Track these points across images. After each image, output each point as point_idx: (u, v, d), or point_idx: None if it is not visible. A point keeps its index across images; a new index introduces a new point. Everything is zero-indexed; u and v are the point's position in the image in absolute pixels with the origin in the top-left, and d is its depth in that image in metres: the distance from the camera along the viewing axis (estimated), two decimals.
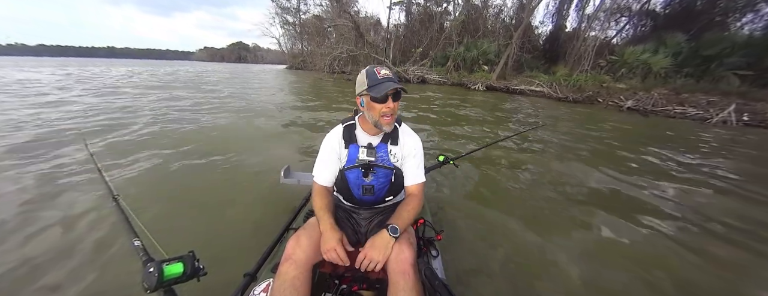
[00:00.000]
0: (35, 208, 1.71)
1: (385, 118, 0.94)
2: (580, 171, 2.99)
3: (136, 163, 2.43)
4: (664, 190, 2.49)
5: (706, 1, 12.16)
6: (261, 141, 3.41)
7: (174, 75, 15.53)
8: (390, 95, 0.91)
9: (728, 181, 2.80)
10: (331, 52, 17.05)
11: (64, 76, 11.82)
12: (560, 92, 9.78)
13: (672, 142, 4.52)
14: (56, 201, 1.80)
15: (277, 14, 28.93)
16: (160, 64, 43.75)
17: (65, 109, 4.76)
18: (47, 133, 3.21)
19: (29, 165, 2.30)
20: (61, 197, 1.84)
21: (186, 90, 8.52)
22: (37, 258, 1.32)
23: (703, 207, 2.18)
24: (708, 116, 6.61)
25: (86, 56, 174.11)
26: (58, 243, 1.43)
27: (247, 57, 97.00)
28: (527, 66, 14.60)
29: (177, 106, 5.37)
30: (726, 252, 1.64)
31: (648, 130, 5.54)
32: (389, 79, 0.92)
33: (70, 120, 3.93)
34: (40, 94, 6.53)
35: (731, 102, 6.81)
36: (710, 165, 3.34)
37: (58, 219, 1.62)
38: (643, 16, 14.44)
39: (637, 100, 8.02)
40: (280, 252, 0.93)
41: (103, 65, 26.54)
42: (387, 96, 0.90)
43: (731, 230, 1.88)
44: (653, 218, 1.98)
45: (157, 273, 0.62)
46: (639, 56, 10.25)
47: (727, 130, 5.75)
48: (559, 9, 16.53)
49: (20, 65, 20.89)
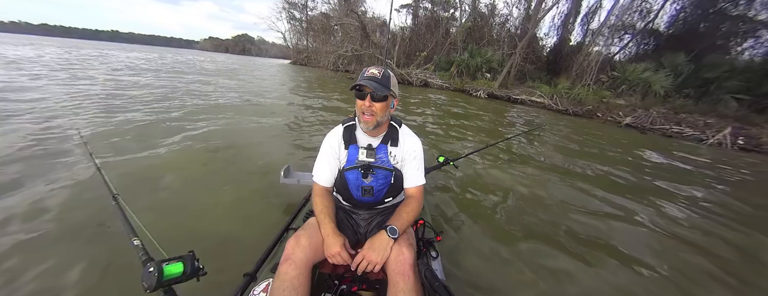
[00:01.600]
0: (34, 208, 1.65)
1: (364, 116, 0.95)
2: (579, 173, 3.05)
3: (137, 162, 2.38)
4: (660, 203, 2.52)
5: (710, 25, 12.39)
6: (262, 140, 3.37)
7: (187, 64, 15.29)
8: (368, 94, 0.91)
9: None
10: (335, 50, 17.04)
11: (81, 59, 11.58)
12: (560, 104, 9.86)
13: (670, 155, 4.59)
14: (55, 201, 1.74)
15: (284, 9, 28.99)
16: (168, 50, 42.93)
17: (63, 99, 4.65)
18: (45, 132, 2.97)
19: (29, 165, 2.19)
20: (60, 197, 1.78)
21: (192, 76, 8.45)
22: (37, 258, 1.29)
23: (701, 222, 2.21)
24: (704, 137, 6.71)
25: (89, 39, 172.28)
26: (57, 243, 1.39)
27: (251, 50, 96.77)
28: (530, 76, 14.73)
29: (178, 104, 5.29)
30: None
31: (649, 144, 5.63)
32: (372, 78, 0.91)
33: (67, 112, 3.72)
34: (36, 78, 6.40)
35: (727, 125, 6.92)
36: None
37: (57, 218, 1.57)
38: (646, 35, 14.65)
39: (636, 117, 8.12)
40: (280, 252, 0.93)
41: (114, 49, 25.99)
42: (365, 94, 0.91)
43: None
44: (653, 227, 2.01)
45: (156, 273, 0.61)
46: (640, 74, 10.39)
47: (721, 153, 5.86)
48: (564, 22, 16.72)
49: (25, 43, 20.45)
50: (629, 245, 1.77)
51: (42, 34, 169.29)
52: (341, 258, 0.85)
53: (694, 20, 13.01)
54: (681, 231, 2.01)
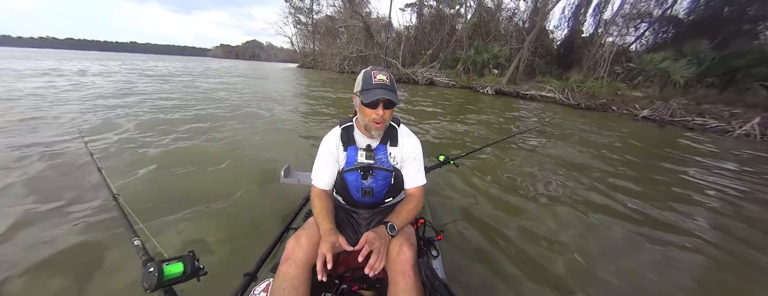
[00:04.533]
0: (34, 207, 1.70)
1: (375, 124, 0.93)
2: (583, 172, 2.94)
3: (137, 162, 2.42)
4: (673, 203, 2.39)
5: (735, 9, 11.62)
6: (262, 140, 3.41)
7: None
8: (381, 102, 0.89)
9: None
10: (341, 52, 17.19)
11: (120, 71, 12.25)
12: (572, 99, 9.52)
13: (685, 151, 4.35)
14: (55, 200, 1.78)
15: (291, 14, 29.50)
16: (189, 59, 43.63)
17: (67, 103, 4.78)
18: (46, 131, 3.11)
19: (28, 164, 2.27)
20: (60, 196, 1.82)
21: (199, 81, 8.72)
22: (37, 258, 1.31)
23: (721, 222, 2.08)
24: (730, 129, 6.30)
25: (110, 50, 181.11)
26: (57, 243, 1.42)
27: (260, 55, 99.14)
28: (539, 71, 14.32)
29: (179, 103, 5.45)
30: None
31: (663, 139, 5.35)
32: (383, 85, 0.88)
33: (69, 116, 3.81)
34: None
35: (756, 114, 6.47)
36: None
37: (57, 218, 1.60)
38: (664, 23, 13.94)
39: (654, 109, 7.72)
40: (280, 252, 0.94)
41: (140, 60, 26.78)
42: (377, 102, 0.88)
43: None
44: (658, 227, 1.91)
45: (157, 273, 0.62)
46: (659, 64, 9.88)
47: (749, 144, 5.49)
48: (575, 13, 16.16)
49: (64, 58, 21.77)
50: (630, 244, 1.72)
51: (68, 48, 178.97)
52: (325, 257, 0.78)
53: (718, 4, 12.24)
54: (703, 240, 1.87)
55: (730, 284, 1.47)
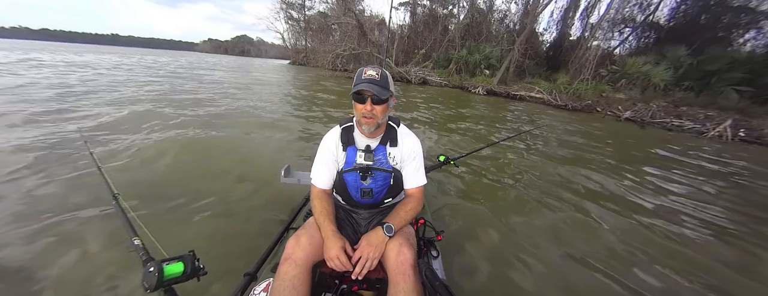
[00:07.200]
0: (34, 207, 1.67)
1: (364, 119, 0.93)
2: (580, 171, 3.03)
3: (137, 162, 2.39)
4: (663, 198, 2.52)
5: (710, 17, 12.27)
6: (262, 141, 3.37)
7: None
8: (368, 97, 0.90)
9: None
10: (333, 49, 16.99)
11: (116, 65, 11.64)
12: (560, 100, 9.82)
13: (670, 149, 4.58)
14: (55, 200, 1.75)
15: (282, 9, 28.86)
16: (178, 53, 42.22)
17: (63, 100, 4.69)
18: (46, 130, 3.03)
19: (28, 163, 2.20)
20: (59, 196, 1.79)
21: (191, 84, 8.46)
22: (37, 257, 1.30)
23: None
24: (704, 130, 6.68)
25: (90, 43, 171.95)
26: (57, 243, 1.40)
27: (250, 51, 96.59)
28: (529, 72, 14.65)
29: (180, 101, 5.31)
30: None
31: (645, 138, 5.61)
32: (370, 80, 0.89)
33: (69, 115, 3.76)
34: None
35: (728, 117, 6.88)
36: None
37: (56, 217, 1.58)
38: (646, 28, 14.53)
39: (636, 111, 8.07)
40: (280, 251, 0.93)
41: (138, 54, 26.01)
42: (365, 97, 0.90)
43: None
44: (656, 220, 2.01)
45: (157, 273, 0.62)
46: (640, 68, 10.32)
47: (721, 144, 5.83)
48: (563, 17, 16.61)
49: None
50: (629, 244, 1.75)
51: (43, 39, 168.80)
52: (340, 261, 0.82)
53: (695, 12, 12.89)
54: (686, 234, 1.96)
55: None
